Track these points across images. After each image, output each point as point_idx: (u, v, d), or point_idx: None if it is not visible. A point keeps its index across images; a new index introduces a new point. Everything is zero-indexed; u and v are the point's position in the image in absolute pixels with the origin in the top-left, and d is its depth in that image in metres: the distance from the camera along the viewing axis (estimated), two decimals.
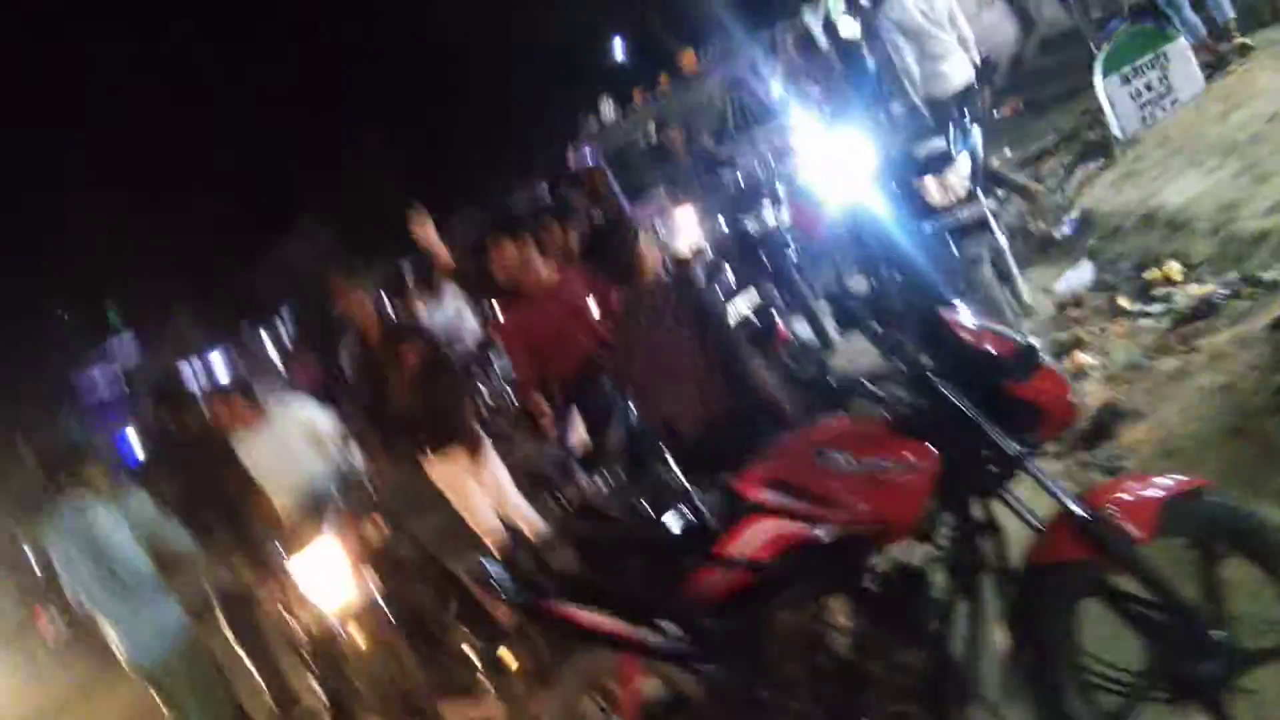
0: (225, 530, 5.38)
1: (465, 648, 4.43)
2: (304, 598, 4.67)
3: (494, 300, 4.98)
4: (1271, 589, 2.41)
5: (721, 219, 8.60)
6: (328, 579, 4.64)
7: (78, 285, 24.20)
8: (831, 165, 7.11)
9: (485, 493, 5.37)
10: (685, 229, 10.34)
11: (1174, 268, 5.38)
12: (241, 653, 5.51)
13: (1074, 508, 2.39)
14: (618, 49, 27.99)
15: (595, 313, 4.67)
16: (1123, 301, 5.51)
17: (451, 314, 7.36)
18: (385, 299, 7.49)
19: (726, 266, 6.66)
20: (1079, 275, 6.21)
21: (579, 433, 4.05)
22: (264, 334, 26.35)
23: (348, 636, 4.50)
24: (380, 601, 4.64)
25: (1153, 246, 5.85)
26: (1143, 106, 7.28)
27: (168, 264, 25.35)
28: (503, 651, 3.08)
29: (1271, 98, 6.36)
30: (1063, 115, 9.10)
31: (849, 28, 15.41)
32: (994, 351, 2.48)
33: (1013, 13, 10.54)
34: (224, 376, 23.10)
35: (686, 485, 4.04)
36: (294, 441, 5.24)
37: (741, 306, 6.31)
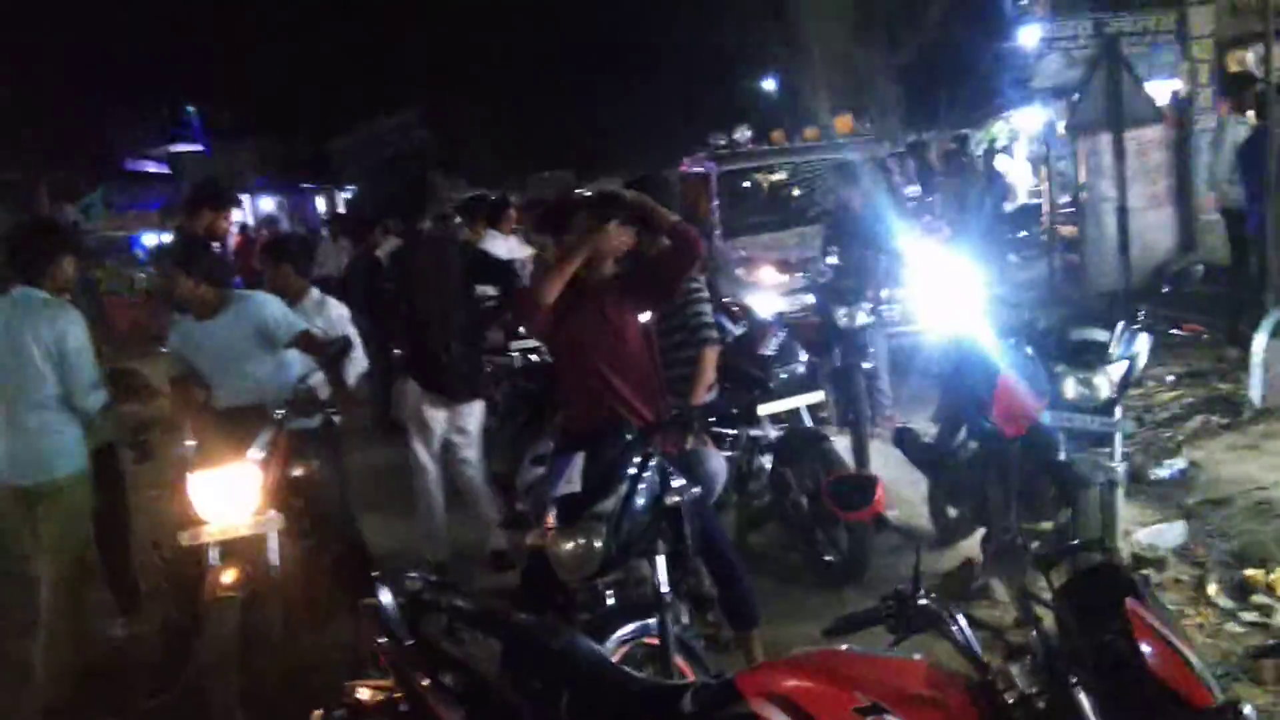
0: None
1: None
2: (190, 512, 3.88)
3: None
4: None
5: (813, 297, 7.80)
6: (226, 504, 3.86)
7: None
8: (953, 294, 6.31)
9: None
10: (770, 288, 9.54)
11: None
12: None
13: None
14: (773, 81, 27.29)
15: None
16: (1212, 590, 4.71)
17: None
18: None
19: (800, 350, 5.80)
20: (1169, 533, 5.39)
21: (572, 483, 3.16)
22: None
23: (212, 572, 3.72)
24: (271, 555, 3.86)
25: (1263, 540, 5.06)
26: None
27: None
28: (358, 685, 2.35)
29: None
30: (1198, 352, 8.30)
31: (1006, 165, 14.73)
32: (1181, 693, 1.69)
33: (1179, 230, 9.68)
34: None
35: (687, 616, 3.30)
36: (243, 342, 4.46)
37: (800, 403, 5.50)
